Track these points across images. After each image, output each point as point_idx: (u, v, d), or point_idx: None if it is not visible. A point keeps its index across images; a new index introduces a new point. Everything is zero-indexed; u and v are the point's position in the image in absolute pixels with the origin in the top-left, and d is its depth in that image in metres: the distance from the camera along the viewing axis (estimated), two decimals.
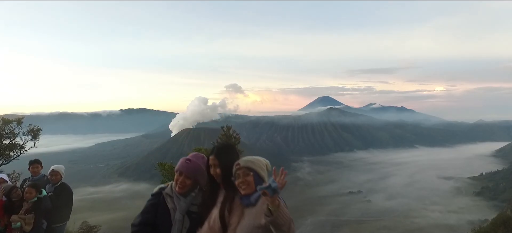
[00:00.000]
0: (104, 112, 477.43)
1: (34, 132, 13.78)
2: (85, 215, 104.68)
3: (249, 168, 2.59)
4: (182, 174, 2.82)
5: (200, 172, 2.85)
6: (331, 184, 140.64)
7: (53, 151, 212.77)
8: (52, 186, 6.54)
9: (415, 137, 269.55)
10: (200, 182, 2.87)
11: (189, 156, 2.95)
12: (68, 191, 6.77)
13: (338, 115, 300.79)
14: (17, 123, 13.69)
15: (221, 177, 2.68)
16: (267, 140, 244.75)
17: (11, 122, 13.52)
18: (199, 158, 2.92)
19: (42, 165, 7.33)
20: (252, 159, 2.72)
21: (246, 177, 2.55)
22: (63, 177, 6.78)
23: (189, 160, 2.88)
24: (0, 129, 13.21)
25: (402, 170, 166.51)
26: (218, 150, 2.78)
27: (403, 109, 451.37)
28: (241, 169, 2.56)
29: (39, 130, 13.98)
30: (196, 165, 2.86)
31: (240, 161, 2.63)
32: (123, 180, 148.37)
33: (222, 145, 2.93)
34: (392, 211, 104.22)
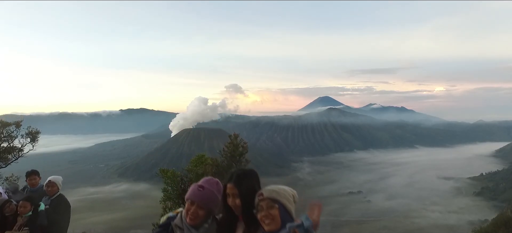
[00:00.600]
0: (104, 112, 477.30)
1: (33, 135, 13.61)
2: (85, 215, 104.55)
3: (274, 199, 2.20)
4: (194, 203, 2.41)
5: (215, 201, 2.47)
6: (331, 184, 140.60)
7: (53, 151, 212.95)
8: (48, 199, 6.18)
9: (415, 137, 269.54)
10: (214, 212, 2.52)
11: (201, 182, 2.53)
12: (65, 204, 6.42)
13: (338, 115, 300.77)
14: (16, 126, 13.50)
15: (240, 208, 2.34)
16: (267, 140, 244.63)
17: (10, 125, 13.35)
18: (213, 185, 2.52)
19: (40, 175, 7.00)
20: (277, 189, 2.33)
21: (270, 210, 2.17)
22: (60, 188, 6.47)
23: (201, 187, 2.48)
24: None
25: (402, 170, 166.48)
26: (238, 178, 2.40)
27: (403, 109, 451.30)
28: (264, 200, 2.19)
29: (37, 132, 13.80)
30: (210, 193, 2.46)
31: (263, 190, 2.27)
32: (123, 180, 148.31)
33: (242, 171, 2.54)
34: (392, 211, 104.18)
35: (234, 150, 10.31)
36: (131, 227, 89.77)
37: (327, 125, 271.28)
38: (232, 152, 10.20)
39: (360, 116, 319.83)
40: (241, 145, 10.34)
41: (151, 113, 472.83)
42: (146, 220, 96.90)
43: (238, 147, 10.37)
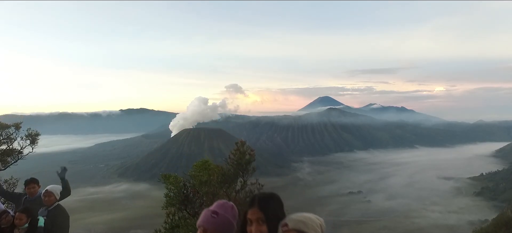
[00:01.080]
0: (104, 112, 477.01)
1: (32, 137, 13.41)
2: (85, 215, 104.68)
3: (301, 231, 1.89)
4: (206, 231, 2.15)
5: (230, 229, 2.20)
6: (331, 184, 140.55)
7: (53, 151, 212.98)
8: (45, 210, 5.89)
9: (415, 137, 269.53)
10: None
11: (214, 207, 2.25)
12: (63, 215, 6.10)
13: (338, 115, 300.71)
14: (15, 128, 13.32)
15: None
16: (267, 140, 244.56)
17: (8, 127, 13.18)
18: (227, 210, 2.25)
19: (39, 184, 6.64)
20: (303, 219, 1.95)
21: None
22: (57, 198, 6.17)
23: (215, 213, 2.19)
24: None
25: (402, 170, 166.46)
26: (263, 201, 2.10)
27: (403, 109, 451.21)
28: (290, 232, 1.90)
29: (37, 134, 13.58)
30: (225, 219, 2.19)
31: (288, 220, 1.94)
32: (123, 180, 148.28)
33: (266, 195, 2.22)
34: (392, 211, 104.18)
35: (240, 158, 9.76)
36: (131, 227, 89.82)
37: (327, 125, 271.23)
38: (239, 160, 9.70)
39: (360, 116, 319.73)
40: (248, 152, 9.94)
41: (151, 113, 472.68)
42: (146, 220, 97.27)
43: (245, 154, 9.89)
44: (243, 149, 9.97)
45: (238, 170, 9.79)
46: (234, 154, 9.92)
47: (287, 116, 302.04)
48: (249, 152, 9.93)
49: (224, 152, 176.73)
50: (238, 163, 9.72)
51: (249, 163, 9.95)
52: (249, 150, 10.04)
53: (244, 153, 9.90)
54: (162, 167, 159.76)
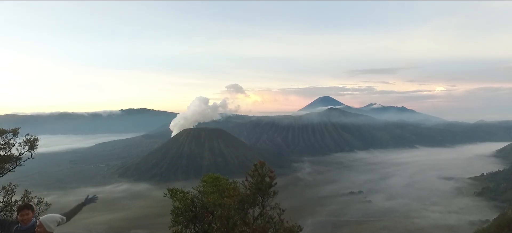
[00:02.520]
0: (105, 112, 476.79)
1: (31, 143, 13.15)
2: (86, 215, 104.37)
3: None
4: None
5: None
6: (332, 184, 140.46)
7: (54, 151, 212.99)
8: None
9: (415, 138, 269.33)
10: None
11: None
12: None
13: (339, 115, 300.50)
14: (13, 134, 13.04)
15: None
16: (267, 140, 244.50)
17: (6, 132, 12.91)
18: None
19: (33, 209, 5.94)
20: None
21: None
22: (53, 230, 5.49)
23: None
24: None
25: (402, 170, 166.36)
26: None
27: (404, 109, 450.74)
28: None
29: (36, 139, 13.30)
30: None
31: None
32: (124, 180, 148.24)
33: None
34: (393, 211, 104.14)
35: (260, 181, 9.01)
36: (132, 227, 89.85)
37: (328, 125, 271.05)
38: (258, 183, 8.99)
39: (361, 116, 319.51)
40: (267, 175, 9.21)
41: (152, 113, 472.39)
42: (146, 220, 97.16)
43: (265, 177, 9.16)
44: (262, 171, 9.23)
45: (257, 194, 9.05)
46: (252, 176, 9.16)
47: (288, 116, 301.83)
48: (269, 174, 9.24)
49: (224, 152, 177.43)
50: (258, 187, 8.97)
51: (270, 187, 9.03)
52: (269, 171, 9.34)
53: (264, 175, 9.20)
54: (162, 167, 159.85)
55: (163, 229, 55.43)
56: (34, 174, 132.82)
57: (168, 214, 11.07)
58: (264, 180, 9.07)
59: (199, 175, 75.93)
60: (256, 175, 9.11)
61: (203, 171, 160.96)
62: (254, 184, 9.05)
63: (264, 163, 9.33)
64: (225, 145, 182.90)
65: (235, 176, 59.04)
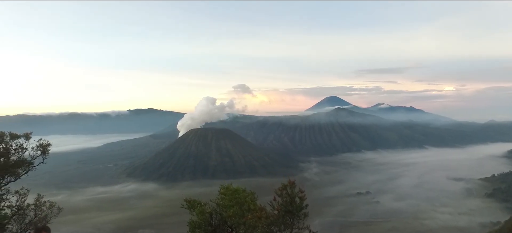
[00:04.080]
0: (113, 112, 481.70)
1: (43, 147, 13.30)
2: (94, 214, 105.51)
3: None
4: None
5: None
6: (339, 184, 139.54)
7: (63, 151, 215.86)
8: None
9: (424, 138, 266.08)
10: None
11: None
12: None
13: (346, 116, 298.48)
14: (26, 138, 13.19)
15: None
16: (274, 140, 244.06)
17: (19, 137, 13.06)
18: None
19: (49, 231, 5.98)
20: None
21: None
22: None
23: None
24: (7, 145, 12.77)
25: (411, 171, 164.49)
26: None
27: (412, 109, 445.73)
28: None
29: (48, 144, 13.43)
30: None
31: None
32: (132, 180, 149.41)
33: None
34: (401, 212, 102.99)
35: (290, 203, 8.39)
36: (139, 226, 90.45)
37: (335, 125, 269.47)
38: (288, 205, 8.32)
39: (368, 116, 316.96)
40: (297, 196, 8.57)
41: (159, 113, 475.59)
42: (154, 219, 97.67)
43: (295, 198, 8.51)
44: (292, 192, 8.58)
45: (286, 217, 8.38)
46: (281, 196, 8.50)
47: (295, 116, 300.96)
48: (299, 195, 8.61)
49: (231, 152, 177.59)
50: (287, 209, 8.30)
51: (301, 209, 8.47)
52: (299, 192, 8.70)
53: (294, 196, 8.57)
54: (169, 167, 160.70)
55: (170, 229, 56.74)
56: (44, 174, 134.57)
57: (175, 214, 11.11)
58: (294, 201, 8.54)
59: (206, 175, 77.88)
60: (285, 195, 8.56)
61: (210, 171, 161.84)
62: (283, 205, 8.45)
63: (294, 183, 8.89)
64: (232, 145, 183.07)
65: (242, 176, 60.17)
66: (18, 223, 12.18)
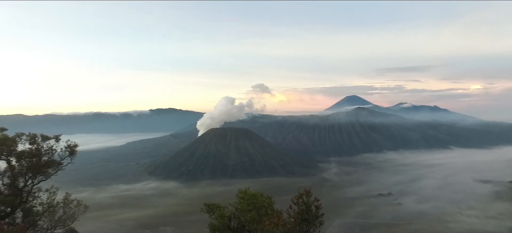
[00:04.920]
0: (135, 112, 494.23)
1: (71, 148, 14.07)
2: (118, 211, 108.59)
3: None
4: None
5: None
6: (359, 185, 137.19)
7: (88, 149, 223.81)
8: None
9: (449, 138, 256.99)
10: None
11: None
12: None
13: (367, 115, 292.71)
14: (56, 140, 14.01)
15: None
16: (293, 140, 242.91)
17: (49, 139, 13.89)
18: None
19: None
20: None
21: None
22: None
23: None
24: (39, 146, 13.62)
25: (435, 172, 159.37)
26: None
27: (436, 109, 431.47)
28: None
29: (76, 145, 14.22)
30: None
31: None
32: (153, 178, 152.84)
33: None
34: (424, 214, 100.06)
35: (306, 211, 8.59)
36: (161, 224, 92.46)
37: (355, 125, 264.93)
38: (303, 214, 8.55)
39: (390, 115, 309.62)
40: (313, 204, 8.73)
41: (179, 113, 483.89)
42: (174, 217, 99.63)
43: (311, 207, 8.66)
44: (308, 201, 8.73)
45: (302, 225, 8.59)
46: (297, 204, 8.68)
47: (314, 116, 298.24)
48: (315, 204, 8.71)
49: (250, 152, 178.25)
50: (303, 217, 8.50)
51: (316, 218, 8.55)
52: (315, 200, 8.82)
53: (309, 205, 8.72)
54: (189, 165, 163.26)
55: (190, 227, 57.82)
56: (71, 171, 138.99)
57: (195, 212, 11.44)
58: (310, 210, 8.63)
59: (226, 174, 78.86)
60: (301, 204, 8.68)
61: (229, 170, 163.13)
62: (299, 214, 8.64)
63: (310, 192, 8.89)
64: (251, 144, 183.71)
65: (261, 176, 60.36)
66: (48, 219, 12.90)
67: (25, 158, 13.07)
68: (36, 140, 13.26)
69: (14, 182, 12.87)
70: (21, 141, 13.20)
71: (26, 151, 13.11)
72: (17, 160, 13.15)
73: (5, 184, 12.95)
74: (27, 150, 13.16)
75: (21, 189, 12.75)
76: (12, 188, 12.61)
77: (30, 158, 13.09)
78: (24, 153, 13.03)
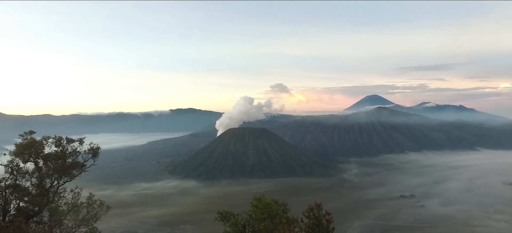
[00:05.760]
0: (156, 112, 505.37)
1: (94, 151, 14.72)
2: (139, 209, 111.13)
3: None
4: None
5: None
6: (380, 187, 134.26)
7: (111, 148, 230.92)
8: None
9: (476, 139, 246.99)
10: None
11: None
12: None
13: (388, 115, 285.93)
14: (79, 143, 14.69)
15: None
16: (312, 140, 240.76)
17: (74, 141, 14.59)
18: None
19: None
20: None
21: None
22: None
23: None
24: (64, 149, 14.32)
25: (460, 174, 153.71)
26: None
27: (462, 108, 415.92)
28: None
29: (98, 148, 14.87)
30: None
31: None
32: (173, 177, 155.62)
33: None
34: (449, 218, 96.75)
35: (316, 224, 8.68)
36: (181, 222, 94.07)
37: (376, 125, 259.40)
38: (314, 227, 8.65)
39: (413, 115, 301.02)
40: (324, 218, 8.78)
41: (199, 113, 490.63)
42: (194, 216, 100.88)
43: (321, 220, 8.72)
44: (318, 214, 8.78)
45: None
46: (308, 217, 8.77)
47: (333, 116, 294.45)
48: (326, 218, 8.73)
49: (269, 152, 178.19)
50: (314, 232, 8.61)
51: (327, 232, 8.58)
52: (326, 214, 8.85)
53: (320, 218, 8.77)
54: (209, 165, 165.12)
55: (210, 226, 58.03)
56: (94, 169, 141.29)
57: (214, 211, 11.56)
58: (321, 223, 8.67)
59: (244, 174, 79.18)
60: (312, 217, 8.74)
61: (248, 170, 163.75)
62: (310, 227, 8.70)
63: (321, 205, 8.93)
64: (270, 144, 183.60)
65: (280, 176, 60.21)
66: (73, 219, 13.48)
67: (52, 160, 13.77)
68: (61, 143, 13.92)
69: (41, 183, 13.55)
70: (48, 144, 13.91)
71: (52, 154, 13.82)
72: (44, 162, 13.85)
73: (33, 184, 13.67)
74: (53, 153, 13.87)
75: (47, 189, 13.44)
76: (40, 188, 13.30)
77: (56, 160, 13.78)
78: (51, 155, 13.73)
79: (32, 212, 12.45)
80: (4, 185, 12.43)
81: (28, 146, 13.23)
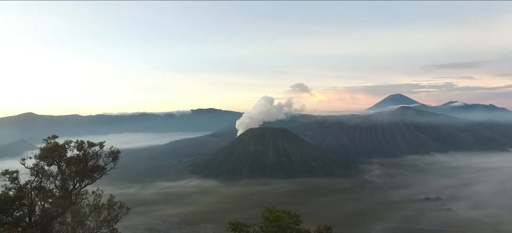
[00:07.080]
0: (177, 112, 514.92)
1: (114, 154, 15.18)
2: (161, 207, 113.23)
3: None
4: None
5: None
6: (404, 188, 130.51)
7: (134, 147, 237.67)
8: None
9: (507, 140, 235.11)
10: None
11: None
12: None
13: (412, 115, 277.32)
14: (100, 147, 15.22)
15: None
16: (333, 140, 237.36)
17: (95, 145, 15.14)
18: None
19: None
20: None
21: None
22: None
23: None
24: (86, 152, 14.90)
25: (490, 176, 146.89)
26: None
27: (492, 108, 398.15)
28: None
29: (118, 152, 15.35)
30: None
31: None
32: (194, 176, 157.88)
33: None
34: (478, 222, 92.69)
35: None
36: (201, 221, 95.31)
37: (399, 125, 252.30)
38: None
39: (439, 115, 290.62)
40: None
41: (219, 113, 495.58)
42: (214, 215, 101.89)
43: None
44: None
45: None
46: None
47: (355, 116, 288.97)
48: None
49: (289, 152, 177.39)
50: None
51: None
52: None
53: None
54: (229, 164, 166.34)
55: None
56: (118, 168, 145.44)
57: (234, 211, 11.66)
58: None
59: (264, 173, 79.12)
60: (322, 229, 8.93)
61: (268, 170, 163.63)
62: None
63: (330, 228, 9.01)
64: (290, 144, 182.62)
65: (300, 176, 59.66)
66: (94, 220, 13.96)
67: (74, 164, 14.34)
68: (83, 147, 14.45)
69: (64, 185, 14.12)
70: (70, 148, 14.49)
71: (74, 157, 14.40)
72: (67, 165, 14.43)
73: (57, 186, 14.27)
74: (75, 156, 14.43)
75: (70, 191, 14.01)
76: (63, 191, 13.87)
77: (78, 163, 14.34)
78: (73, 159, 14.29)
79: (56, 213, 12.98)
80: (30, 187, 13.10)
81: (51, 150, 13.85)
